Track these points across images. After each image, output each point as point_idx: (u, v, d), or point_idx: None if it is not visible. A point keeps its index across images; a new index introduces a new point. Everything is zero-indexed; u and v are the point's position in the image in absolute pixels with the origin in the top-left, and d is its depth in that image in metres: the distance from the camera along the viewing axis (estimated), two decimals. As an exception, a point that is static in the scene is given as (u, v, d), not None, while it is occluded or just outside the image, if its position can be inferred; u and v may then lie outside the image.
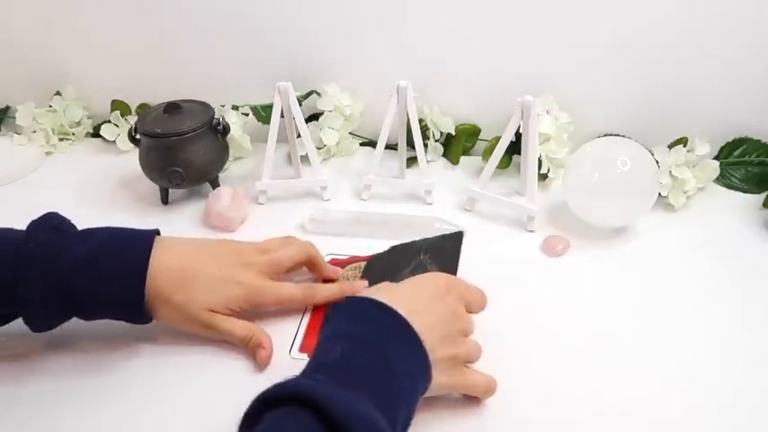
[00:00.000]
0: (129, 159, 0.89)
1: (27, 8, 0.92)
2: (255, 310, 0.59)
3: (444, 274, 0.54)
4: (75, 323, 0.56)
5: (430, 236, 0.67)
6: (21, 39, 0.95)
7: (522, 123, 0.73)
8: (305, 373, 0.43)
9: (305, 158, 0.83)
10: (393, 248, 0.67)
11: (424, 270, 0.61)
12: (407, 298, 0.49)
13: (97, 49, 0.95)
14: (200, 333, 0.57)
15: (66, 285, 0.52)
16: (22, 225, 0.60)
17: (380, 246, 0.71)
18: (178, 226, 0.77)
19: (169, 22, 0.90)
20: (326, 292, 0.61)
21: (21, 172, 0.89)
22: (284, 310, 0.61)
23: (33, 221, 0.55)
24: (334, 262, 0.68)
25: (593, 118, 0.86)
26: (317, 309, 0.62)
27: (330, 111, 0.88)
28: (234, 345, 0.58)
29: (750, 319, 0.61)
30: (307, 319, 0.61)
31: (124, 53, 0.94)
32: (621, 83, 0.84)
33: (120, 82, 0.97)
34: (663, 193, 0.76)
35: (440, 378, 0.47)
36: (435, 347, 0.46)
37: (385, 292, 0.49)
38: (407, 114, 0.77)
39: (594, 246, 0.72)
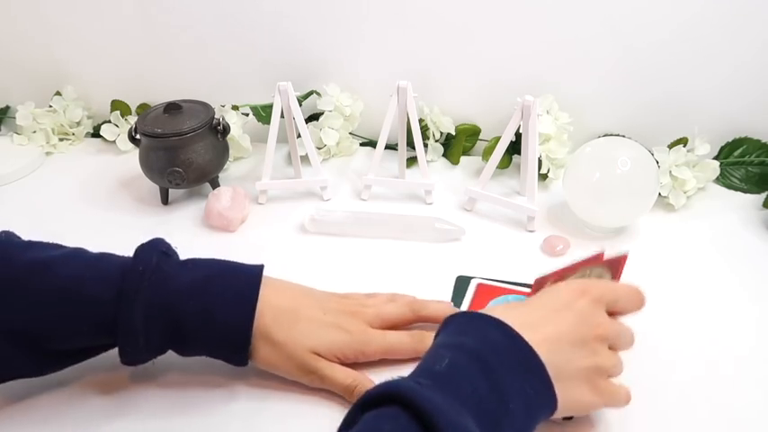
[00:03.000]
0: (129, 159, 0.89)
1: (27, 8, 0.92)
2: (360, 361, 0.54)
3: (580, 281, 0.49)
4: (167, 359, 0.52)
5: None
6: (21, 39, 0.95)
7: (522, 123, 0.73)
8: (410, 376, 0.41)
9: (305, 158, 0.83)
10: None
11: None
12: (525, 311, 0.46)
13: (97, 49, 0.95)
14: (300, 378, 0.53)
15: (171, 311, 0.49)
16: (21, 225, 0.60)
17: (381, 246, 0.72)
18: (178, 226, 0.77)
19: (169, 23, 0.90)
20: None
21: (21, 172, 0.89)
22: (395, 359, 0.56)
23: (141, 245, 0.52)
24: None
25: (593, 118, 0.86)
26: None
27: (330, 111, 0.88)
28: (335, 394, 0.53)
29: (750, 319, 0.61)
30: None
31: (124, 53, 0.94)
32: (621, 83, 0.84)
33: (120, 82, 0.97)
34: (663, 193, 0.76)
35: (581, 395, 0.44)
36: (565, 360, 0.43)
37: (500, 309, 0.46)
38: (407, 114, 0.77)
39: (594, 246, 0.71)
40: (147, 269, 0.50)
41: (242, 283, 0.52)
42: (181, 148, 0.76)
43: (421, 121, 0.85)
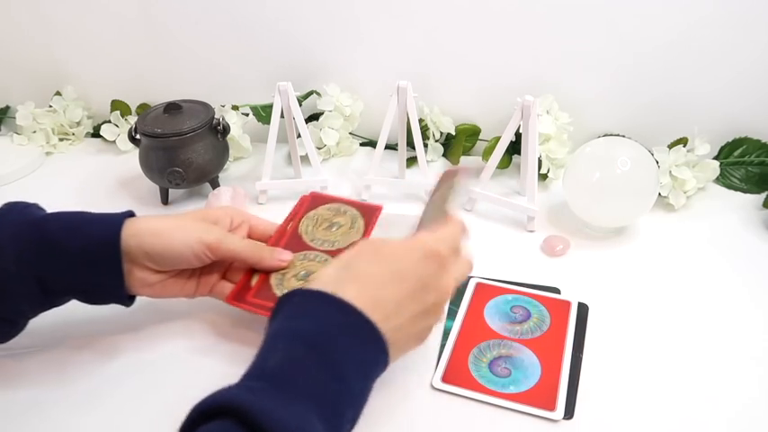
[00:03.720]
0: (129, 159, 0.89)
1: (27, 8, 0.92)
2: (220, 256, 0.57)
3: (422, 239, 0.48)
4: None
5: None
6: (21, 39, 0.95)
7: (522, 123, 0.73)
8: (246, 376, 0.40)
9: (305, 158, 0.83)
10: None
11: None
12: (367, 278, 0.45)
13: (97, 49, 0.95)
14: (194, 260, 0.55)
15: (39, 228, 0.52)
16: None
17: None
18: (178, 226, 0.77)
19: (169, 23, 0.90)
20: (236, 245, 0.57)
21: (21, 172, 0.89)
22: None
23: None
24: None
25: (593, 118, 0.86)
26: (462, 331, 0.59)
27: (330, 111, 0.88)
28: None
29: (750, 319, 0.61)
30: (451, 343, 0.58)
31: (124, 53, 0.94)
32: (621, 83, 0.84)
33: (120, 82, 0.97)
34: (663, 193, 0.76)
35: (414, 345, 0.48)
36: (401, 325, 0.45)
37: (342, 274, 0.46)
38: (407, 114, 0.77)
39: (594, 246, 0.72)
40: (14, 205, 0.54)
41: (106, 214, 0.55)
42: (181, 148, 0.76)
43: (421, 121, 0.85)
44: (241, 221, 0.61)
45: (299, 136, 0.81)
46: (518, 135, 0.76)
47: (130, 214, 0.56)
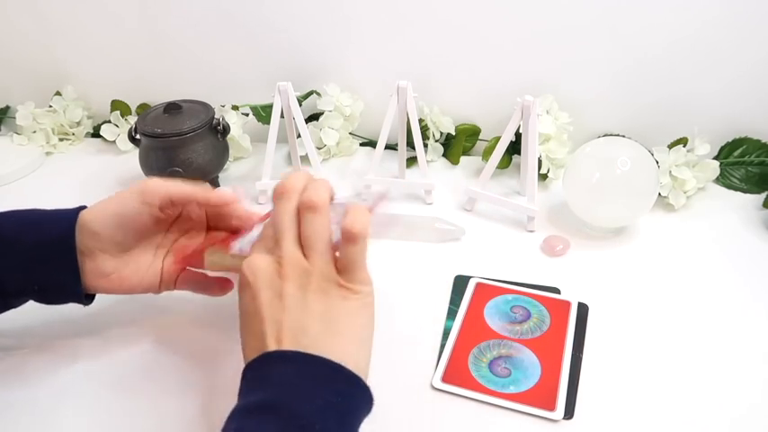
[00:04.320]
0: (129, 159, 0.89)
1: (27, 8, 0.92)
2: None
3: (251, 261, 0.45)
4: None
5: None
6: (21, 39, 0.95)
7: (522, 123, 0.73)
8: None
9: (305, 158, 0.83)
10: None
11: None
12: (269, 314, 0.42)
13: (97, 49, 0.95)
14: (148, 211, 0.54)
15: None
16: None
17: (381, 245, 0.71)
18: (178, 226, 0.77)
19: (169, 23, 0.90)
20: (222, 194, 0.56)
21: (21, 172, 0.89)
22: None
23: None
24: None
25: (593, 118, 0.86)
26: (462, 331, 0.60)
27: (330, 111, 0.88)
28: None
29: (750, 319, 0.61)
30: (451, 342, 0.58)
31: (124, 53, 0.94)
32: (621, 83, 0.84)
33: (120, 82, 0.97)
34: (663, 193, 0.76)
35: (363, 331, 0.44)
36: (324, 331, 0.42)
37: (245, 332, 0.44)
38: (407, 114, 0.77)
39: (594, 246, 0.72)
40: None
41: (59, 210, 0.54)
42: (181, 148, 0.76)
43: (421, 121, 0.85)
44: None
45: (299, 136, 0.81)
46: (518, 135, 0.76)
47: (83, 208, 0.54)
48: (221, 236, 0.58)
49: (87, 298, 0.55)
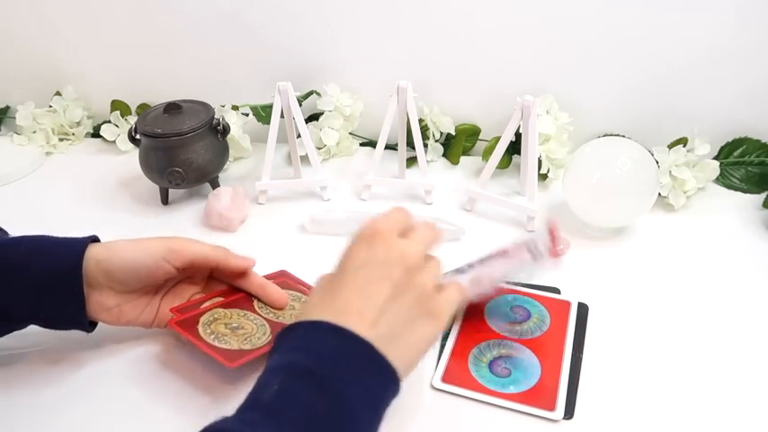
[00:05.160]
0: (129, 159, 0.89)
1: (27, 8, 0.92)
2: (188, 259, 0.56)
3: (362, 234, 0.47)
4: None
5: None
6: (21, 39, 0.95)
7: (522, 123, 0.73)
8: (240, 410, 0.39)
9: (305, 158, 0.83)
10: None
11: None
12: (345, 294, 0.44)
13: (97, 49, 0.95)
14: (156, 276, 0.55)
15: (1, 258, 0.51)
16: (22, 225, 0.60)
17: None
18: (178, 226, 0.77)
19: (169, 22, 0.90)
20: (202, 246, 0.56)
21: (21, 172, 0.89)
22: None
23: None
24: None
25: (593, 118, 0.86)
26: (462, 331, 0.59)
27: (330, 111, 0.88)
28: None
29: (750, 319, 0.61)
30: (451, 342, 0.58)
31: (124, 53, 0.94)
32: (621, 83, 0.84)
33: (120, 82, 0.97)
34: (663, 193, 0.76)
35: (423, 342, 0.45)
36: (385, 320, 0.43)
37: (318, 298, 0.46)
38: (407, 114, 0.77)
39: (594, 246, 0.72)
40: None
41: (69, 239, 0.54)
42: (181, 148, 0.76)
43: (421, 121, 0.85)
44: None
45: (299, 136, 0.81)
46: (518, 135, 0.76)
47: (94, 239, 0.55)
48: (220, 288, 0.60)
49: (91, 325, 0.55)
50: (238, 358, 0.51)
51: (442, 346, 0.58)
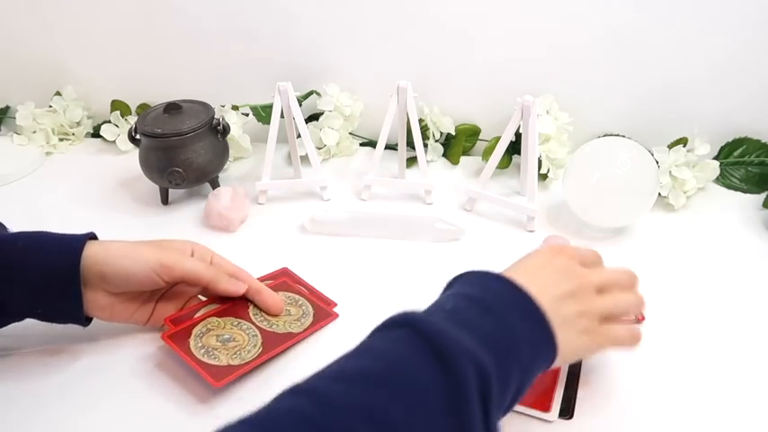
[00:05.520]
0: (129, 159, 0.89)
1: (27, 8, 0.92)
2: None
3: (549, 247, 0.52)
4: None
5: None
6: (21, 39, 0.95)
7: (522, 123, 0.73)
8: (424, 312, 0.43)
9: (305, 158, 0.83)
10: None
11: None
12: (511, 273, 0.47)
13: (97, 49, 0.95)
14: (150, 283, 0.55)
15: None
16: (21, 225, 0.60)
17: (381, 246, 0.72)
18: (178, 226, 0.77)
19: (169, 22, 0.90)
20: (193, 264, 0.56)
21: (21, 172, 0.89)
22: None
23: None
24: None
25: (593, 118, 0.86)
26: None
27: (330, 111, 0.88)
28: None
29: (750, 319, 0.61)
30: None
31: (124, 53, 0.94)
32: (621, 83, 0.84)
33: (120, 82, 0.97)
34: (663, 193, 0.76)
35: (574, 341, 0.46)
36: (556, 308, 0.45)
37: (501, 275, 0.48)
38: (407, 114, 0.77)
39: (594, 246, 0.71)
40: None
41: (67, 236, 0.54)
42: (181, 148, 0.76)
43: (421, 121, 0.85)
44: (202, 257, 0.59)
45: (299, 136, 0.81)
46: (518, 135, 0.76)
47: (91, 236, 0.55)
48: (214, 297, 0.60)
49: (87, 320, 0.56)
50: (226, 375, 0.52)
51: None
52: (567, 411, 0.52)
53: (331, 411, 0.34)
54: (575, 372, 0.55)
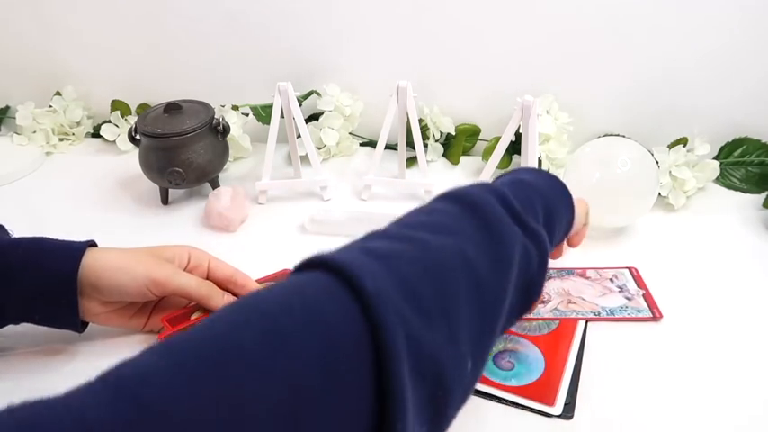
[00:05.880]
0: (129, 159, 0.89)
1: (27, 8, 0.92)
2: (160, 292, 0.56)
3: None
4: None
5: None
6: (21, 39, 0.95)
7: (522, 123, 0.73)
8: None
9: (305, 158, 0.83)
10: None
11: None
12: None
13: (97, 49, 0.95)
14: (144, 295, 0.55)
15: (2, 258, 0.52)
16: (21, 225, 0.60)
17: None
18: (178, 226, 0.77)
19: (169, 23, 0.90)
20: (185, 281, 0.56)
21: (21, 172, 0.89)
22: None
23: None
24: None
25: (593, 118, 0.86)
26: None
27: (330, 111, 0.88)
28: None
29: (750, 319, 0.61)
30: None
31: (124, 53, 0.94)
32: (621, 83, 0.84)
33: (120, 82, 0.97)
34: (663, 193, 0.76)
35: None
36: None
37: None
38: (407, 114, 0.77)
39: (595, 245, 0.72)
40: None
41: (66, 244, 0.54)
42: (181, 148, 0.76)
43: (421, 121, 0.85)
44: (199, 262, 0.59)
45: (299, 136, 0.81)
46: (518, 135, 0.76)
47: (91, 243, 0.55)
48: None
49: (83, 325, 0.56)
50: None
51: None
52: (568, 409, 0.52)
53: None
54: (578, 370, 0.55)
